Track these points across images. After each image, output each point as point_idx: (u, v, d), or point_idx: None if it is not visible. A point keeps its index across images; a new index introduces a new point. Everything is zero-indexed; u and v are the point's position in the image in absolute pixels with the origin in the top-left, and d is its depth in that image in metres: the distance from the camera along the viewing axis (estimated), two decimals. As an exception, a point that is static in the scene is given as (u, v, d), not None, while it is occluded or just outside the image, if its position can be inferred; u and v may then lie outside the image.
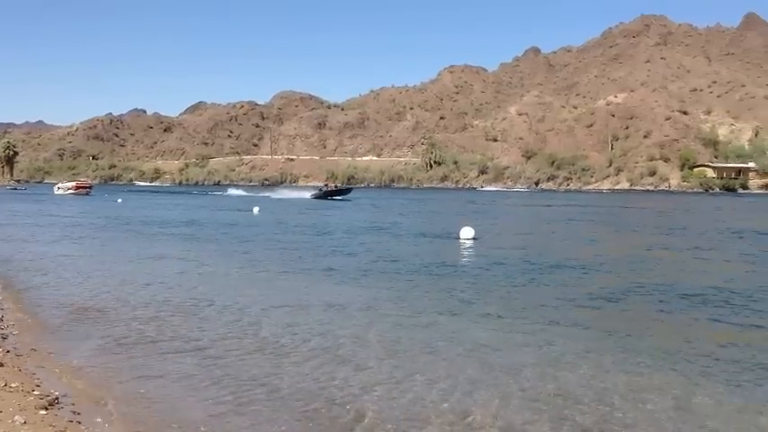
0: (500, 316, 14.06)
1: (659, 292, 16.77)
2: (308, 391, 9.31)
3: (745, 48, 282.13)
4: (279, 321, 13.68)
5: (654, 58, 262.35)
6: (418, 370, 10.27)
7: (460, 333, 12.59)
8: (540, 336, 12.40)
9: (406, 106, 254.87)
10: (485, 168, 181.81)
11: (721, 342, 11.87)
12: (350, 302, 15.48)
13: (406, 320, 13.71)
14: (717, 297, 16.19)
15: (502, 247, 28.62)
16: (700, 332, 12.68)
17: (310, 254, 26.11)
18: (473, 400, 8.90)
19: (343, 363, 10.71)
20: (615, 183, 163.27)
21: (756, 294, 16.55)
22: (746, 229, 39.51)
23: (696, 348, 11.55)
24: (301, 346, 11.80)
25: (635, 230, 39.34)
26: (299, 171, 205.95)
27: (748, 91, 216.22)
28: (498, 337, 12.24)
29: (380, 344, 11.86)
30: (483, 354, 11.01)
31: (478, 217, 45.75)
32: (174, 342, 12.13)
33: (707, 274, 20.31)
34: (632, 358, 10.90)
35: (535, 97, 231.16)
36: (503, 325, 13.25)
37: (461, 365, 10.45)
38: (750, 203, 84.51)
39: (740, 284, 17.83)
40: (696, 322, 13.51)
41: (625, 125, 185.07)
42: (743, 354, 11.20)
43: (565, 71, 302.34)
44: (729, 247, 29.31)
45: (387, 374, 10.04)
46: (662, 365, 10.50)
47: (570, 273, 20.41)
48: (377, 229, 38.83)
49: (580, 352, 11.30)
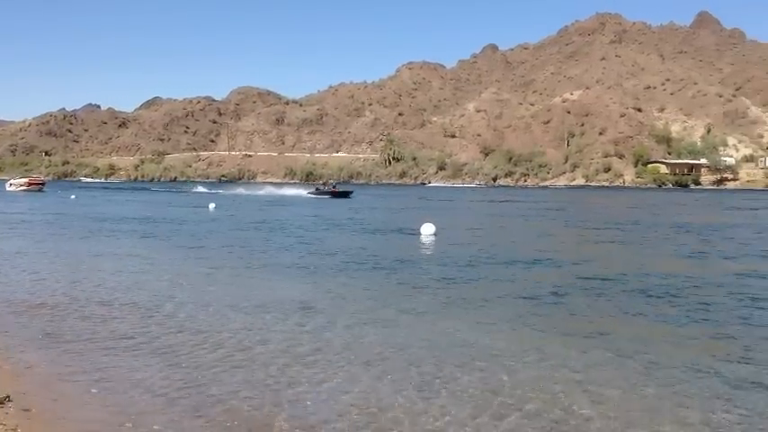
0: (456, 310, 14.10)
1: (606, 285, 17.02)
2: (259, 389, 9.28)
3: (698, 46, 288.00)
4: (231, 318, 13.55)
5: (609, 56, 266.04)
6: (368, 364, 10.26)
7: (413, 328, 12.57)
8: (491, 330, 12.44)
9: (364, 102, 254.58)
10: (443, 165, 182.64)
11: (665, 333, 12.08)
12: (305, 299, 15.38)
13: (363, 316, 13.66)
14: (659, 290, 16.49)
15: (461, 242, 28.83)
16: (643, 324, 12.88)
17: (266, 250, 25.91)
18: (422, 395, 8.87)
19: (295, 359, 10.67)
20: (571, 179, 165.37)
21: (694, 287, 16.92)
22: (694, 223, 40.39)
23: (641, 340, 11.68)
24: (246, 340, 11.70)
25: (587, 226, 39.83)
26: (257, 167, 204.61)
27: (700, 89, 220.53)
28: (449, 332, 12.27)
29: (332, 339, 11.82)
30: (433, 349, 11.01)
31: (439, 213, 45.88)
32: (126, 340, 11.97)
33: (651, 267, 20.62)
34: (580, 350, 11.01)
35: (493, 94, 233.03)
36: (458, 319, 13.28)
37: (407, 359, 10.39)
38: (701, 199, 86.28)
39: (682, 277, 18.18)
40: (640, 315, 13.69)
41: (581, 122, 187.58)
42: (687, 344, 11.41)
43: (522, 68, 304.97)
44: (675, 241, 29.88)
45: (335, 369, 10.04)
46: (606, 356, 10.65)
47: (523, 267, 20.61)
48: (335, 225, 38.75)
49: (526, 343, 11.39)
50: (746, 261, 22.60)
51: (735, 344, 11.44)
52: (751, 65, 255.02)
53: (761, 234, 33.64)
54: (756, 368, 9.97)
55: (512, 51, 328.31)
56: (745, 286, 17.09)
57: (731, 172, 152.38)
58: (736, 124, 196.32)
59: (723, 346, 11.26)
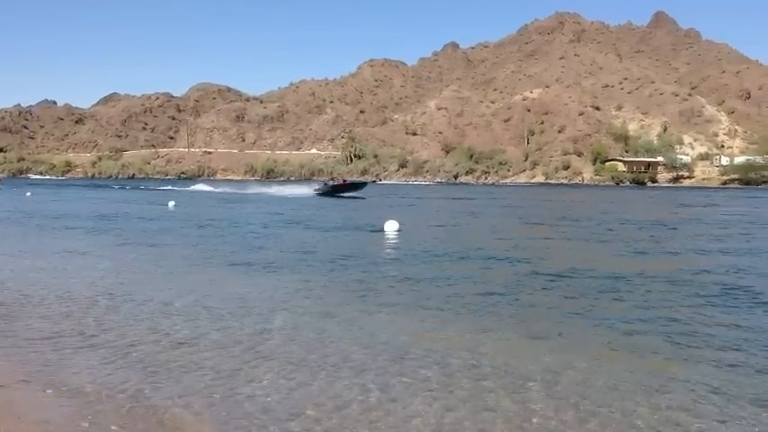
0: (414, 306, 14.03)
1: (558, 280, 17.15)
2: (209, 384, 9.20)
3: (654, 46, 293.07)
4: (184, 314, 13.38)
5: (568, 55, 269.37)
6: (316, 359, 10.19)
7: (370, 323, 12.46)
8: (448, 323, 12.41)
9: (325, 100, 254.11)
10: (404, 162, 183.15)
11: (616, 323, 12.23)
12: (259, 296, 15.19)
13: (323, 311, 13.53)
14: (609, 283, 16.73)
15: (424, 239, 28.86)
16: (598, 315, 13.03)
17: (225, 247, 25.54)
18: (380, 390, 8.76)
19: (246, 353, 10.61)
20: (531, 176, 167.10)
21: (642, 280, 17.24)
22: (647, 220, 41.08)
23: (595, 330, 11.84)
24: (202, 338, 11.61)
25: (545, 223, 40.20)
26: (216, 164, 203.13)
27: (657, 87, 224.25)
28: (406, 326, 12.24)
29: (287, 334, 11.75)
30: (389, 343, 10.95)
31: (402, 211, 45.95)
32: (79, 337, 11.81)
33: (601, 263, 20.85)
34: (535, 341, 11.11)
35: (454, 92, 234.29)
36: (417, 314, 13.29)
37: (363, 353, 10.32)
38: (655, 196, 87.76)
39: (629, 272, 18.42)
40: (593, 307, 13.82)
41: (540, 120, 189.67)
42: (636, 333, 11.55)
43: (482, 66, 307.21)
44: (627, 236, 30.32)
45: (283, 363, 9.99)
46: (560, 346, 10.78)
47: (482, 263, 20.65)
48: (295, 222, 38.53)
49: (480, 335, 11.39)
50: (691, 256, 23.04)
51: (680, 331, 11.59)
52: (706, 64, 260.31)
53: (710, 230, 34.30)
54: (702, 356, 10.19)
55: (472, 50, 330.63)
56: (688, 280, 17.41)
57: (687, 170, 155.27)
58: (692, 123, 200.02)
59: (660, 334, 11.45)
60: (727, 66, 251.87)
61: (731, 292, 15.73)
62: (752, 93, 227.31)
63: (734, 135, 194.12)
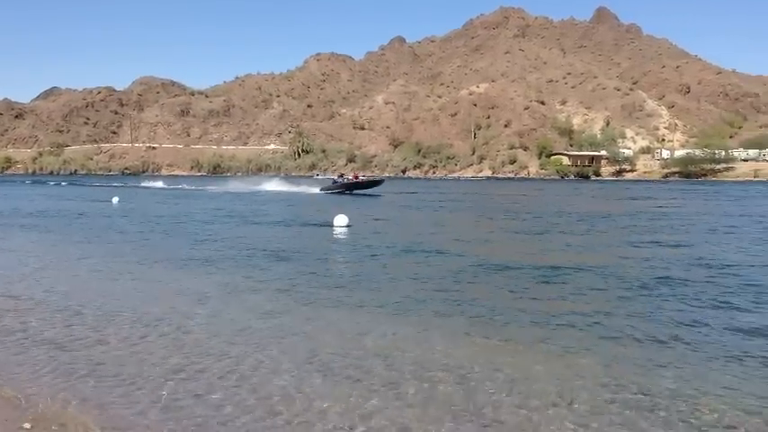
0: (360, 300, 13.94)
1: (502, 272, 17.39)
2: (154, 379, 9.07)
3: (597, 41, 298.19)
4: (123, 310, 13.09)
5: (513, 50, 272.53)
6: (251, 355, 10.12)
7: (313, 319, 12.37)
8: (388, 318, 12.47)
9: (272, 94, 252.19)
10: (353, 157, 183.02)
11: (554, 313, 12.40)
12: (205, 291, 15.00)
13: (258, 308, 13.43)
14: (552, 273, 17.01)
15: (373, 233, 28.90)
16: (542, 306, 13.19)
17: (168, 243, 25.10)
18: (323, 385, 8.63)
19: (187, 349, 10.44)
20: (478, 170, 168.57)
21: (581, 270, 17.59)
22: (589, 213, 41.81)
23: (539, 321, 11.99)
24: (136, 331, 11.38)
25: (490, 216, 40.53)
26: (161, 160, 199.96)
27: (600, 82, 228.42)
28: (350, 320, 12.17)
29: (227, 330, 11.58)
30: (335, 336, 10.83)
31: (349, 205, 45.79)
32: (17, 334, 11.54)
33: (542, 254, 21.19)
34: (477, 333, 11.16)
35: (401, 86, 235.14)
36: (362, 308, 13.22)
37: (302, 348, 10.23)
38: (599, 190, 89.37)
39: (568, 263, 18.76)
40: (536, 299, 13.98)
41: (487, 114, 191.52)
42: (575, 322, 11.72)
43: (429, 61, 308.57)
44: (568, 229, 30.75)
45: (223, 358, 9.84)
46: (503, 337, 10.86)
47: (427, 256, 20.69)
48: (243, 217, 38.04)
49: (423, 329, 11.43)
50: (625, 249, 23.50)
51: (612, 319, 11.83)
52: (647, 59, 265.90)
53: (646, 223, 35.08)
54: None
55: (419, 44, 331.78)
56: (626, 270, 17.79)
57: (629, 163, 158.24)
58: (634, 117, 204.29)
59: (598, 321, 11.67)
60: (668, 61, 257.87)
61: (660, 283, 16.12)
62: (691, 87, 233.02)
63: (674, 129, 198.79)
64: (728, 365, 9.40)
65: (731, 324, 11.85)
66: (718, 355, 9.92)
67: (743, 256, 20.90)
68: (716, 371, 9.19)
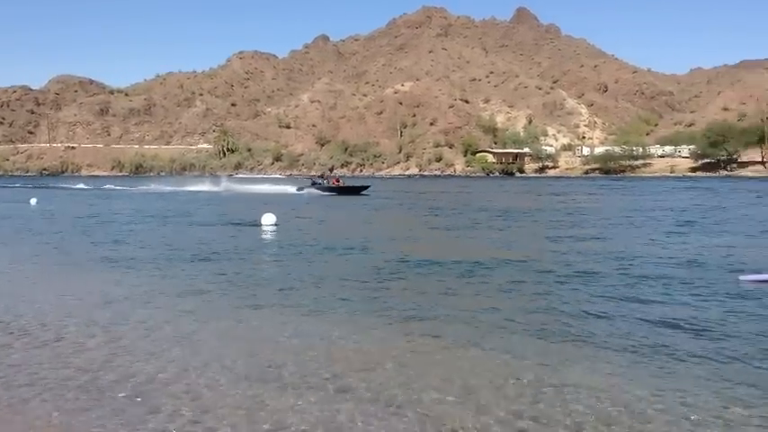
0: (280, 299, 13.83)
1: (428, 267, 17.57)
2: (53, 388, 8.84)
3: (518, 41, 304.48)
4: (49, 313, 12.77)
5: (436, 49, 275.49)
6: (158, 356, 9.86)
7: (227, 319, 12.06)
8: (303, 316, 12.25)
9: (195, 92, 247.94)
10: (279, 156, 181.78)
11: (469, 309, 12.58)
12: (115, 293, 14.50)
13: (176, 308, 13.20)
14: (472, 268, 17.08)
15: (300, 231, 28.64)
16: (459, 302, 13.26)
17: (86, 245, 24.11)
18: (230, 385, 8.26)
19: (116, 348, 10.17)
20: (405, 168, 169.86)
21: (500, 265, 17.89)
22: (513, 208, 42.67)
23: (462, 315, 12.01)
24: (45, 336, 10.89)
25: (417, 213, 40.78)
26: (81, 160, 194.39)
27: (521, 81, 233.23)
28: (265, 320, 11.95)
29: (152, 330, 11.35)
30: (258, 336, 10.71)
31: (277, 204, 45.45)
32: None
33: (465, 249, 21.40)
34: (401, 329, 11.12)
35: (326, 85, 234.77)
36: (279, 307, 13.00)
37: (212, 348, 9.90)
38: (523, 186, 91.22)
39: (491, 257, 19.10)
40: (455, 294, 14.02)
41: (412, 113, 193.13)
42: (498, 318, 11.88)
43: (354, 59, 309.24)
44: (490, 225, 31.16)
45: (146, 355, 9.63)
46: (425, 331, 10.76)
47: (351, 254, 20.55)
48: (165, 218, 37.10)
49: (337, 326, 11.24)
50: (548, 242, 24.05)
51: (536, 314, 12.08)
52: (566, 59, 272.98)
53: (565, 217, 36.05)
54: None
55: (343, 42, 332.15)
56: (543, 264, 18.11)
57: (552, 160, 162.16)
58: (555, 115, 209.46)
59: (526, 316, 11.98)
60: (586, 60, 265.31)
61: (575, 276, 16.43)
62: (609, 86, 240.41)
63: (593, 126, 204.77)
64: (635, 358, 9.44)
65: (638, 315, 12.08)
66: (623, 347, 9.98)
67: (654, 249, 21.55)
68: (613, 363, 9.25)
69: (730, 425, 7.17)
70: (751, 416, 7.40)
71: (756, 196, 54.98)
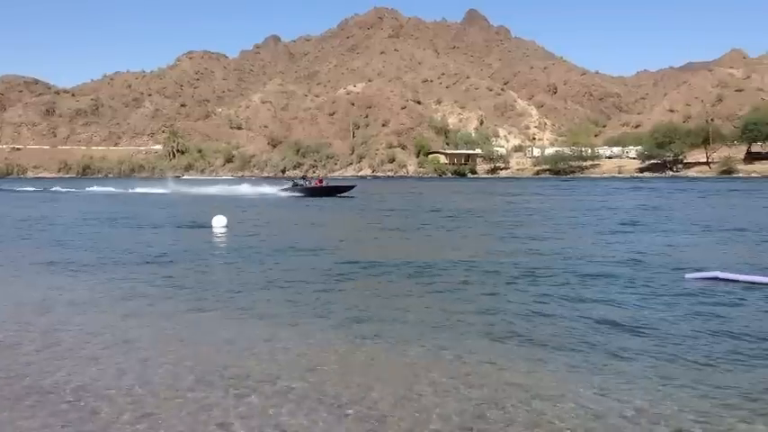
0: (223, 302, 13.55)
1: (376, 268, 17.42)
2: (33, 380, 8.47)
3: (469, 42, 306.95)
4: None
5: (388, 50, 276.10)
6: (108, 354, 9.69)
7: (165, 323, 11.88)
8: (242, 320, 12.01)
9: (143, 93, 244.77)
10: (230, 157, 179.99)
11: (415, 310, 12.48)
12: (72, 297, 14.09)
13: (115, 310, 12.78)
14: (419, 270, 17.06)
15: (251, 233, 28.22)
16: (411, 302, 13.23)
17: (35, 248, 23.51)
18: (169, 389, 8.23)
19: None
20: (358, 169, 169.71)
21: (449, 266, 17.84)
22: (464, 209, 42.82)
23: (408, 315, 11.92)
24: None
25: (366, 215, 40.78)
26: (27, 162, 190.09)
27: (473, 82, 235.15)
28: (203, 324, 11.76)
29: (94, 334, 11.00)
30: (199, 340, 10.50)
31: (229, 207, 44.88)
32: None
33: (414, 251, 21.41)
34: (349, 330, 10.96)
35: (278, 85, 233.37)
36: (221, 311, 12.77)
37: (146, 354, 9.83)
38: (475, 187, 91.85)
39: (440, 258, 19.08)
40: (405, 295, 14.00)
41: (365, 114, 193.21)
42: (444, 318, 11.80)
43: (305, 60, 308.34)
44: (440, 226, 31.32)
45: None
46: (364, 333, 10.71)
47: (302, 255, 20.28)
48: (112, 220, 36.24)
49: (278, 330, 11.09)
50: (496, 242, 24.17)
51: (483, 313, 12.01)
52: (516, 61, 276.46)
53: (515, 218, 36.34)
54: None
55: (294, 43, 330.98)
56: (491, 264, 18.13)
57: (503, 161, 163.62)
58: (506, 116, 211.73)
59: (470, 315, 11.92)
60: (536, 62, 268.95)
61: (521, 276, 16.49)
62: (558, 88, 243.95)
63: (543, 128, 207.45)
64: (578, 356, 9.50)
65: (583, 314, 12.14)
66: (566, 346, 10.06)
67: (600, 248, 21.81)
68: (556, 362, 9.28)
69: (668, 421, 7.22)
70: (683, 411, 7.49)
71: (700, 196, 56.04)
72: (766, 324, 11.40)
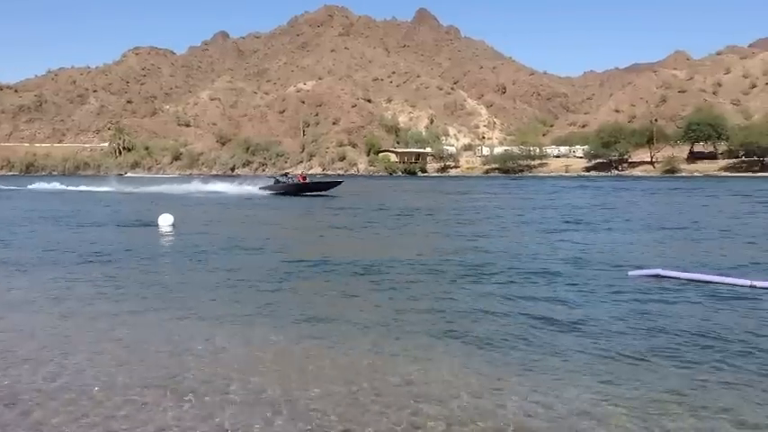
0: (165, 302, 13.27)
1: (321, 267, 17.36)
2: None
3: (419, 41, 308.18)
4: None
5: (339, 48, 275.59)
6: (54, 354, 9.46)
7: (102, 323, 11.62)
8: (182, 320, 11.89)
9: (88, 89, 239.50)
10: (178, 155, 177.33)
11: (368, 307, 12.47)
12: (8, 298, 13.71)
13: (52, 310, 12.53)
14: (363, 268, 17.06)
15: (198, 232, 27.78)
16: (354, 301, 13.14)
17: None
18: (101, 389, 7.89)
19: None
20: (308, 168, 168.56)
21: (396, 265, 17.91)
22: (412, 207, 42.82)
23: (349, 314, 11.92)
24: None
25: (313, 213, 40.60)
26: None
27: (423, 81, 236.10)
28: (143, 324, 11.49)
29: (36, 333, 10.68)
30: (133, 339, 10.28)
31: (176, 204, 44.12)
32: None
33: (360, 249, 21.42)
34: (282, 329, 10.91)
35: (227, 83, 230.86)
36: (164, 311, 12.48)
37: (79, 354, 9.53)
38: (425, 185, 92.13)
39: (385, 256, 19.07)
40: (349, 294, 13.91)
41: (315, 112, 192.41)
42: (386, 317, 11.72)
43: (255, 57, 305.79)
44: (386, 224, 31.32)
45: None
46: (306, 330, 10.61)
47: (247, 254, 20.15)
48: (56, 218, 35.23)
49: (217, 329, 11.07)
50: (442, 240, 24.28)
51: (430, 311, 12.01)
52: (466, 60, 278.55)
53: (462, 215, 36.58)
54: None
55: (243, 40, 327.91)
56: (439, 263, 18.20)
57: (453, 160, 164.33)
58: (456, 115, 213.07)
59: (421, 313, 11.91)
60: (485, 62, 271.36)
61: (466, 274, 16.59)
62: (507, 87, 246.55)
63: (493, 127, 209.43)
64: (517, 354, 9.65)
65: (525, 312, 12.28)
66: (505, 344, 10.18)
67: (544, 246, 22.09)
68: (492, 360, 9.41)
69: (596, 417, 7.32)
70: (613, 406, 7.61)
71: (643, 195, 57.10)
72: (700, 321, 11.65)
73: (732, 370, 8.88)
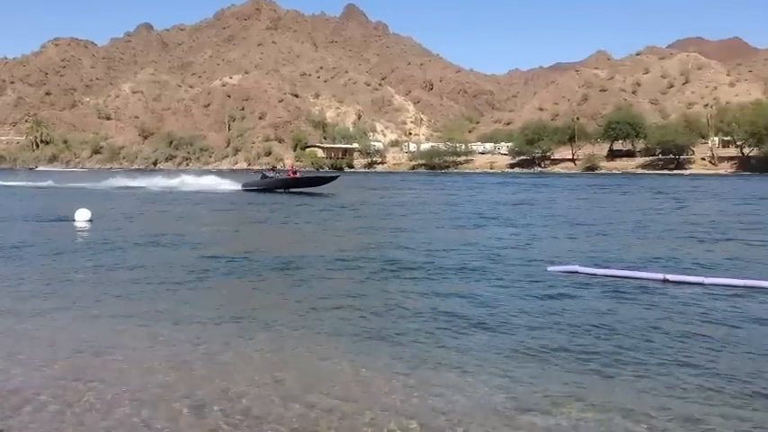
0: (73, 300, 12.72)
1: (239, 262, 17.08)
2: None
3: (347, 37, 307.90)
4: None
5: (266, 42, 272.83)
6: None
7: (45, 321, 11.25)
8: (90, 317, 11.60)
9: (5, 80, 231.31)
10: (98, 148, 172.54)
11: (310, 306, 12.29)
12: None
13: None
14: (289, 265, 16.81)
15: (116, 228, 26.91)
16: (270, 299, 12.91)
17: None
18: None
19: None
20: (234, 163, 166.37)
21: (314, 261, 17.67)
22: (335, 203, 42.66)
23: (264, 312, 11.67)
24: None
25: (235, 209, 40.05)
26: None
27: (351, 77, 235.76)
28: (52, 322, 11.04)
29: None
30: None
31: (94, 198, 42.78)
32: None
33: (283, 245, 21.24)
34: (224, 327, 10.70)
35: (150, 75, 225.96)
36: (71, 310, 11.98)
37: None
38: (351, 181, 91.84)
39: (309, 253, 18.86)
40: (265, 290, 13.76)
41: (241, 106, 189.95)
42: (301, 315, 11.58)
43: (179, 50, 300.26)
44: (306, 220, 31.16)
45: None
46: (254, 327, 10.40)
47: (167, 249, 19.81)
48: None
49: (126, 326, 10.80)
50: (364, 235, 24.30)
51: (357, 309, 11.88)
52: (394, 56, 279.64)
53: (385, 211, 36.68)
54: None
55: (168, 32, 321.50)
56: (357, 259, 18.14)
57: (380, 156, 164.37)
58: (383, 111, 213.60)
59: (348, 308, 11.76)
60: (413, 58, 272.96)
61: (383, 269, 16.60)
62: (434, 84, 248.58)
63: (420, 123, 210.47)
64: (429, 351, 9.65)
65: (441, 308, 12.27)
66: (418, 341, 10.14)
67: (465, 242, 22.16)
68: (403, 358, 9.35)
69: (505, 415, 7.30)
70: (512, 402, 7.63)
71: (563, 192, 58.20)
72: (610, 315, 11.78)
73: (634, 362, 8.99)
